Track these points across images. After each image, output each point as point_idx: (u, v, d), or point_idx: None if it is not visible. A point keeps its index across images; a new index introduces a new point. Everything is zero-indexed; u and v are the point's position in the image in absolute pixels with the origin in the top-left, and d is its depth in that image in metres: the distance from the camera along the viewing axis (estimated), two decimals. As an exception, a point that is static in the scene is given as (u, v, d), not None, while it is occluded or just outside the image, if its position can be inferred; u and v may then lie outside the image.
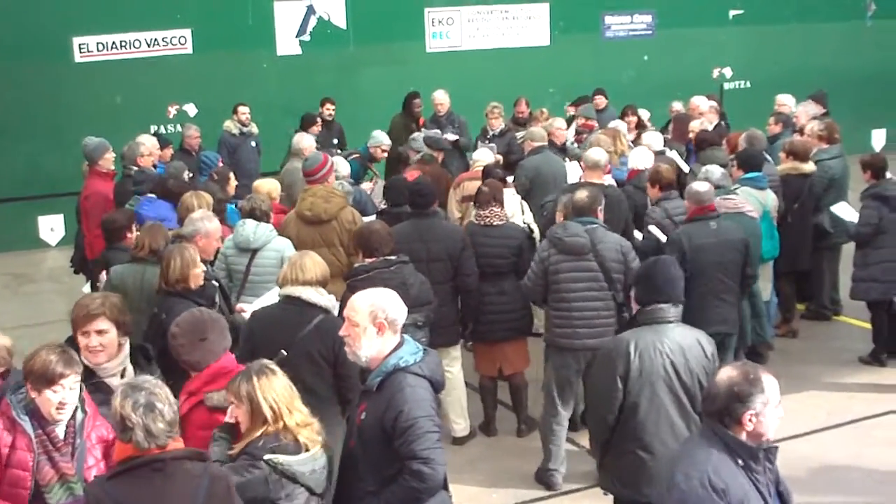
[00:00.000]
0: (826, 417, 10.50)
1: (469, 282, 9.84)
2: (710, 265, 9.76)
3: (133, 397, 4.96)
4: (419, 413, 5.70)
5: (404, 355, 5.90)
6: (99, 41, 19.32)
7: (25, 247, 18.55)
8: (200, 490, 4.97)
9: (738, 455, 4.94)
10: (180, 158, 14.92)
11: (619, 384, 6.70)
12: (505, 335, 10.06)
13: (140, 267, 8.96)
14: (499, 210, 10.17)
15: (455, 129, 16.40)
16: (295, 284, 7.57)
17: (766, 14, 24.16)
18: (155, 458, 4.93)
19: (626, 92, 19.48)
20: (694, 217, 10.04)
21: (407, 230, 9.86)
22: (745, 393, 4.94)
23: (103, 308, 6.22)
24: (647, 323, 6.84)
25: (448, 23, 22.14)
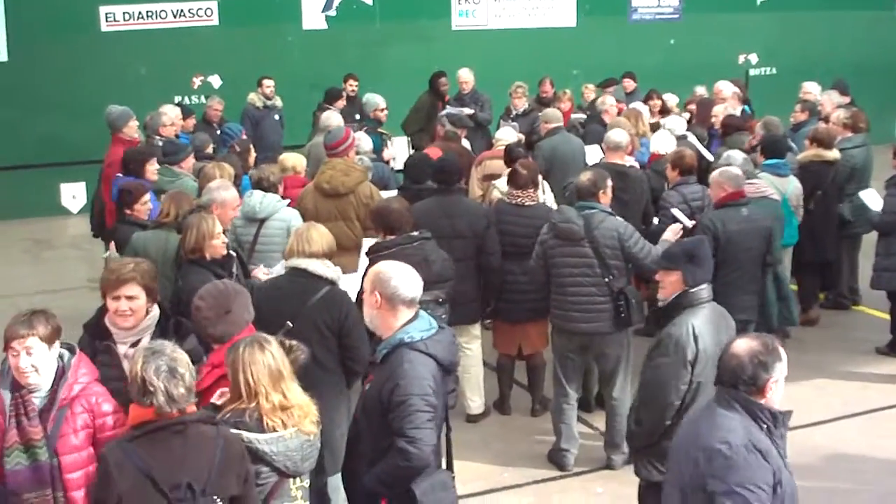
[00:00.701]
0: (841, 407, 10.46)
1: (492, 260, 9.81)
2: (741, 252, 9.59)
3: (154, 362, 5.03)
4: (413, 390, 5.70)
5: (412, 331, 5.89)
6: (125, 11, 19.39)
7: (47, 213, 18.66)
8: (217, 451, 5.07)
9: (763, 420, 5.03)
10: (202, 130, 14.96)
11: (689, 368, 6.77)
12: (526, 315, 10.00)
13: (164, 233, 9.06)
14: (532, 191, 10.10)
15: (478, 107, 16.39)
16: (301, 256, 7.59)
17: (794, 1, 24.06)
18: (177, 421, 5.01)
19: (651, 75, 19.42)
20: (726, 203, 9.80)
21: (431, 206, 9.86)
22: (769, 362, 5.06)
23: (134, 273, 6.25)
24: (695, 304, 6.94)
25: (474, 1, 22.12)
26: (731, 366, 5.08)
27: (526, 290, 9.90)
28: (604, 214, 9.03)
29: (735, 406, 5.05)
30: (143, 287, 6.28)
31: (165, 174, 11.16)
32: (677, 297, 7.03)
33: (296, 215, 9.71)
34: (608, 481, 9.06)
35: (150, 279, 6.36)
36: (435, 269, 8.39)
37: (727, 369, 5.11)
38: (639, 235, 9.13)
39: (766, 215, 9.98)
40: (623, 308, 8.85)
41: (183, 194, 9.58)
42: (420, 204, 9.80)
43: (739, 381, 5.05)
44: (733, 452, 4.92)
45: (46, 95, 18.65)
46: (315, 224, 8.06)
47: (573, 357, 9.21)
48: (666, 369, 6.86)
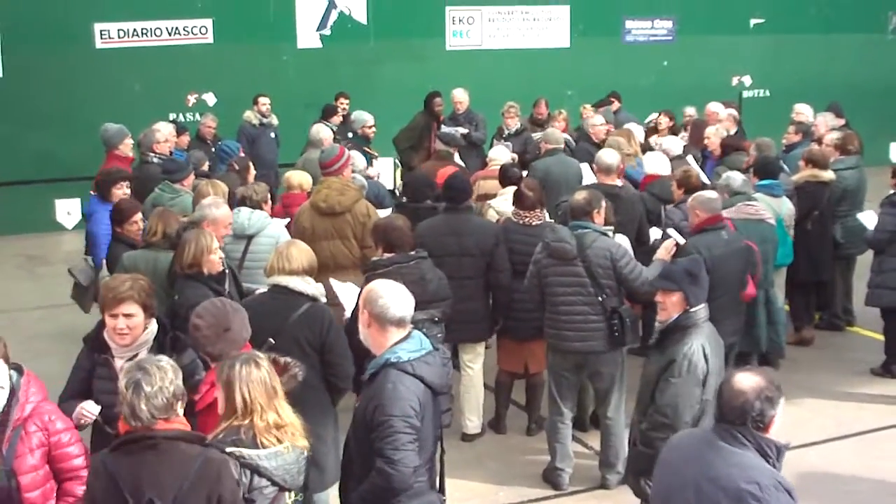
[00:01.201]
0: (836, 428, 10.45)
1: (501, 278, 9.80)
2: (727, 275, 9.58)
3: (130, 374, 5.08)
4: (394, 411, 5.67)
5: (399, 351, 5.87)
6: (120, 28, 19.44)
7: (42, 229, 18.68)
8: (191, 471, 5.04)
9: (769, 456, 5.00)
10: (196, 147, 14.98)
11: (702, 388, 6.89)
12: (533, 333, 9.96)
13: (153, 253, 9.09)
14: (540, 212, 10.12)
15: (472, 126, 16.43)
16: (282, 274, 7.60)
17: (787, 23, 24.22)
18: (147, 436, 5.02)
19: (644, 97, 19.51)
20: (706, 227, 9.78)
21: (439, 224, 9.88)
22: (775, 398, 5.03)
23: (132, 291, 6.28)
24: (698, 323, 7.05)
25: (469, 21, 22.21)
26: (738, 403, 5.00)
27: (533, 308, 9.89)
28: (596, 234, 9.04)
29: (746, 443, 4.99)
30: (140, 304, 6.31)
31: (166, 191, 11.18)
32: (679, 319, 7.06)
33: (284, 232, 9.75)
34: (603, 501, 9.05)
35: (146, 296, 6.38)
36: (431, 288, 8.39)
37: (733, 407, 5.02)
38: (631, 256, 9.13)
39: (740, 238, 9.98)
40: (617, 327, 8.86)
41: (170, 212, 9.59)
42: (427, 222, 9.84)
43: (748, 418, 4.99)
44: (764, 493, 4.88)
45: (41, 112, 18.68)
46: (295, 241, 8.09)
47: (568, 376, 9.20)
48: (682, 390, 6.93)
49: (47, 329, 6.68)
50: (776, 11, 24.25)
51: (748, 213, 10.43)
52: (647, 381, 7.39)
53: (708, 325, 7.17)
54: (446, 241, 9.60)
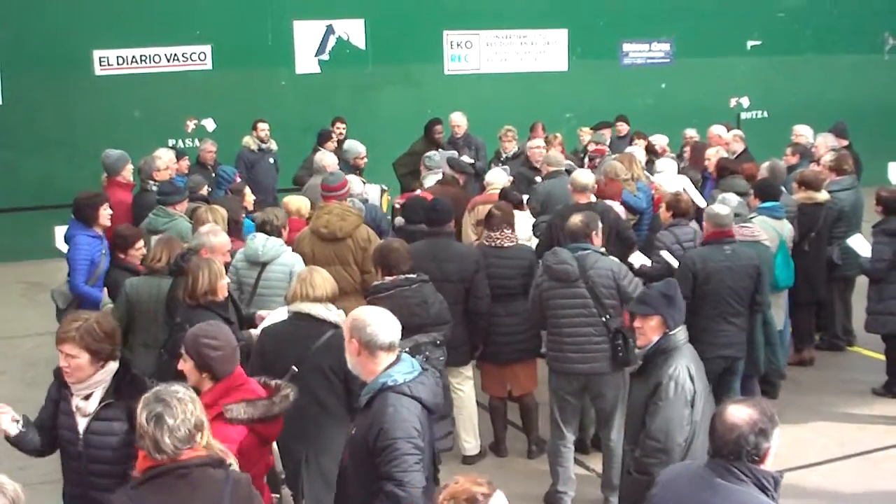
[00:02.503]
0: (837, 448, 10.45)
1: (480, 304, 9.80)
2: (722, 289, 9.70)
3: (149, 407, 5.03)
4: (398, 434, 5.69)
5: (394, 374, 5.90)
6: (119, 55, 19.51)
7: (41, 256, 18.58)
8: (225, 495, 5.02)
9: (767, 489, 4.95)
10: (196, 172, 15.00)
11: (691, 408, 6.89)
12: (514, 356, 10.04)
13: (156, 280, 9.16)
14: (510, 232, 10.15)
15: (472, 151, 16.45)
16: (305, 301, 7.60)
17: (784, 45, 24.30)
18: (179, 466, 4.98)
19: (643, 119, 19.50)
20: (710, 240, 9.95)
21: (421, 249, 9.84)
22: (769, 430, 4.98)
23: (74, 333, 6.02)
24: (678, 345, 7.07)
25: (466, 46, 22.27)
26: (732, 438, 4.95)
27: (512, 331, 9.95)
28: (597, 255, 9.10)
29: (743, 478, 4.93)
30: (84, 348, 6.04)
31: (161, 215, 11.20)
32: (659, 342, 7.08)
33: (298, 260, 9.71)
34: (605, 523, 9.04)
35: (92, 340, 6.06)
36: (433, 311, 8.40)
37: (727, 441, 4.97)
38: (633, 275, 9.19)
39: (751, 255, 10.04)
40: (621, 347, 8.87)
41: (174, 240, 9.63)
42: (410, 247, 9.84)
43: (743, 452, 4.94)
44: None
45: (41, 138, 18.74)
46: (317, 268, 8.06)
47: (570, 399, 9.21)
48: (671, 413, 6.92)
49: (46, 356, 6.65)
50: (773, 33, 24.33)
51: (744, 235, 10.44)
52: (634, 408, 7.38)
53: (688, 347, 7.18)
54: (427, 266, 9.48)
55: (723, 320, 9.72)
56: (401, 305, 8.13)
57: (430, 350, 8.04)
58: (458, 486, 4.52)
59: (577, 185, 11.42)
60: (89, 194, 11.32)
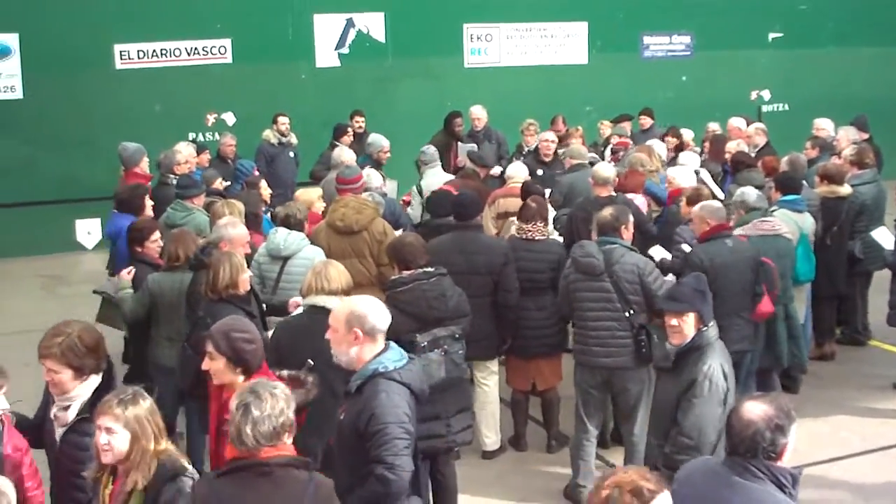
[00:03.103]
0: (859, 443, 10.40)
1: (510, 297, 9.79)
2: (731, 283, 9.66)
3: (241, 397, 5.11)
4: (390, 419, 5.88)
5: (385, 361, 6.12)
6: (140, 49, 19.52)
7: (62, 250, 18.72)
8: (307, 497, 5.04)
9: (785, 486, 4.94)
10: (216, 166, 15.02)
11: (724, 407, 6.86)
12: (541, 350, 10.04)
13: (178, 275, 9.25)
14: (542, 226, 10.13)
15: (493, 144, 16.44)
16: (320, 294, 7.64)
17: (805, 38, 24.18)
18: (261, 463, 5.02)
19: (663, 112, 19.44)
20: (711, 236, 9.86)
21: (448, 242, 9.88)
22: (786, 425, 4.98)
23: (56, 350, 5.94)
24: (711, 342, 7.09)
25: (486, 39, 22.23)
26: (749, 434, 4.94)
27: (540, 325, 9.91)
28: (624, 249, 9.09)
29: (760, 476, 4.92)
30: (65, 364, 5.96)
31: (179, 209, 11.22)
32: (694, 339, 7.06)
33: (320, 254, 9.68)
34: (625, 518, 9.00)
35: (74, 356, 5.97)
36: (451, 304, 8.38)
37: (743, 438, 4.96)
38: (658, 272, 9.15)
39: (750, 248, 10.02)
40: (644, 343, 8.86)
41: (188, 234, 9.67)
42: (437, 239, 9.85)
43: (759, 449, 4.93)
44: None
45: (61, 132, 18.77)
46: (332, 262, 8.10)
47: (594, 393, 9.21)
48: (706, 410, 6.94)
49: (69, 349, 6.80)
50: (794, 26, 24.23)
51: (764, 230, 10.41)
52: (663, 405, 7.36)
53: (720, 343, 7.19)
54: (454, 258, 9.55)
55: (735, 315, 9.66)
56: (419, 299, 8.14)
57: (448, 344, 8.05)
58: (625, 477, 4.43)
59: (599, 178, 11.43)
60: (132, 186, 11.51)
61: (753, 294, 9.89)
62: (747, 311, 9.87)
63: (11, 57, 18.81)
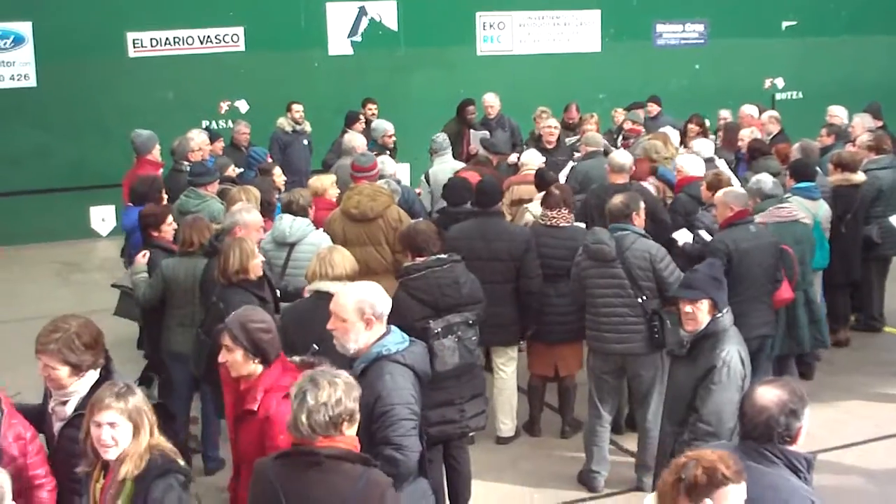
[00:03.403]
0: (873, 429, 10.38)
1: (532, 283, 9.78)
2: (754, 268, 9.70)
3: (301, 384, 5.12)
4: (396, 400, 5.96)
5: (388, 344, 6.24)
6: (153, 37, 19.55)
7: (77, 236, 18.79)
8: (354, 493, 5.01)
9: (799, 470, 4.94)
10: (230, 154, 15.05)
11: (741, 392, 6.74)
12: (563, 337, 10.00)
13: (192, 261, 9.30)
14: (566, 212, 10.12)
15: (507, 132, 16.43)
16: (324, 279, 7.65)
17: (819, 25, 24.13)
18: (311, 452, 5.02)
19: (676, 100, 19.43)
20: (734, 221, 9.87)
21: (469, 228, 9.91)
22: (799, 409, 4.97)
23: (53, 347, 5.86)
24: (727, 328, 7.07)
25: (499, 27, 22.21)
26: (763, 420, 4.94)
27: (562, 311, 9.89)
28: (636, 236, 9.08)
29: (775, 461, 4.92)
30: (63, 361, 5.88)
31: (192, 197, 11.24)
32: (709, 326, 7.04)
33: (326, 239, 9.71)
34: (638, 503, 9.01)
35: (70, 351, 5.88)
36: (465, 290, 8.37)
37: (758, 424, 4.96)
38: (670, 258, 9.14)
39: (770, 234, 10.03)
40: (657, 329, 8.85)
41: (201, 220, 9.69)
42: (458, 226, 9.88)
43: (774, 434, 4.93)
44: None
45: (75, 120, 18.84)
46: (337, 247, 8.13)
47: (608, 379, 9.21)
48: (724, 397, 6.91)
49: (82, 335, 6.82)
50: (808, 14, 24.16)
51: (781, 216, 10.41)
52: (678, 391, 7.34)
53: (735, 330, 7.16)
54: (475, 245, 9.61)
55: (757, 301, 9.69)
56: (432, 286, 8.13)
57: (462, 330, 8.04)
58: (709, 455, 4.47)
59: (615, 165, 11.43)
60: (148, 178, 11.52)
61: (773, 280, 9.89)
62: (768, 297, 9.88)
63: (25, 45, 18.86)
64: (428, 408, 7.71)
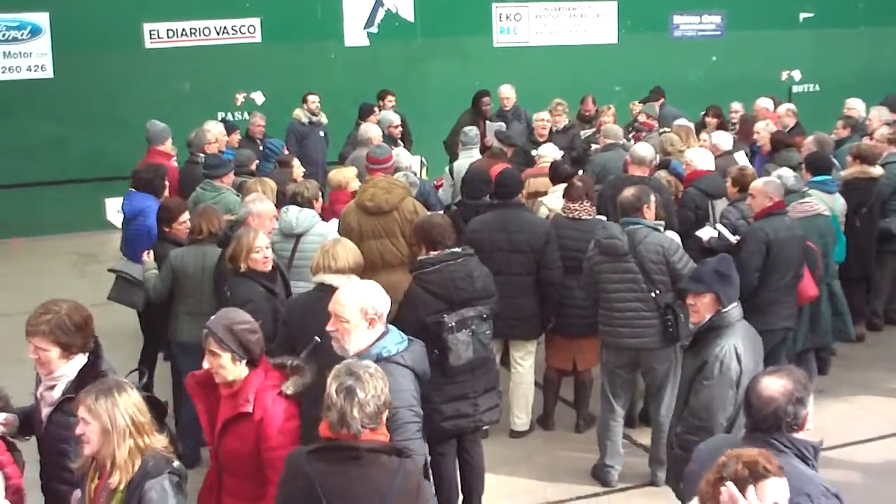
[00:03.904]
0: (887, 425, 10.34)
1: (552, 275, 9.77)
2: (788, 259, 9.73)
3: (340, 379, 5.07)
4: (399, 403, 5.76)
5: (387, 345, 6.13)
6: (169, 28, 19.56)
7: (92, 228, 18.80)
8: (393, 486, 5.02)
9: (808, 458, 4.97)
10: (245, 146, 15.05)
11: (735, 389, 6.79)
12: (583, 330, 9.98)
13: (200, 249, 9.39)
14: (588, 205, 10.08)
15: (522, 123, 16.42)
16: (328, 272, 7.60)
17: (836, 17, 24.00)
18: (351, 446, 5.02)
19: (693, 92, 19.42)
20: (773, 211, 9.88)
21: (489, 220, 9.90)
22: (804, 397, 5.02)
23: (45, 327, 5.88)
24: (731, 323, 6.99)
25: (515, 18, 22.17)
26: (771, 411, 4.99)
27: (583, 304, 9.84)
28: (648, 230, 9.03)
29: (784, 450, 4.94)
30: (55, 342, 5.89)
31: (208, 189, 11.27)
32: (712, 319, 7.02)
33: (332, 231, 9.72)
34: (652, 497, 9.01)
35: (62, 333, 5.90)
36: (478, 284, 8.36)
37: (766, 415, 5.00)
38: (683, 251, 9.11)
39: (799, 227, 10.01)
40: (671, 323, 8.83)
41: (211, 209, 9.79)
42: (479, 217, 9.89)
43: (783, 423, 4.97)
44: (815, 503, 4.83)
45: (91, 111, 18.86)
46: (342, 239, 8.07)
47: (621, 373, 9.20)
48: (715, 392, 6.89)
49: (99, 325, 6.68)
50: (825, 5, 24.04)
51: (804, 211, 10.38)
52: (682, 385, 7.36)
53: (742, 325, 7.10)
54: (496, 236, 9.62)
55: (785, 292, 9.74)
56: (446, 280, 8.12)
57: (476, 324, 8.03)
58: (749, 451, 4.48)
59: (636, 157, 11.45)
60: (153, 166, 11.52)
61: (798, 274, 9.87)
62: (794, 290, 9.87)
63: (42, 36, 18.89)
64: (441, 402, 7.75)
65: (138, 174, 11.46)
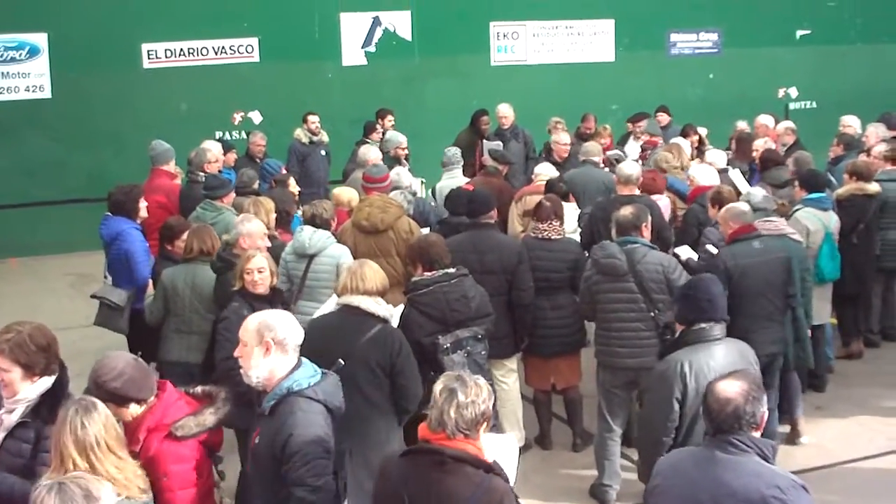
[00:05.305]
0: (885, 442, 10.30)
1: (524, 296, 9.73)
2: (758, 285, 9.45)
3: (446, 382, 5.16)
4: (308, 438, 5.63)
5: (299, 378, 5.85)
6: (167, 48, 19.63)
7: (91, 248, 18.62)
8: (471, 498, 5.02)
9: (768, 457, 5.08)
10: (244, 165, 15.06)
11: (676, 406, 6.70)
12: (558, 350, 10.00)
13: (191, 267, 9.43)
14: (557, 225, 10.10)
15: (519, 142, 16.45)
16: (355, 293, 7.57)
17: (833, 34, 24.07)
18: (437, 451, 5.06)
19: (691, 110, 19.42)
20: (737, 237, 9.68)
21: (462, 241, 9.82)
22: (760, 396, 5.14)
23: (4, 346, 5.73)
24: (692, 343, 6.86)
25: (513, 37, 22.22)
26: (730, 411, 5.06)
27: (556, 324, 9.90)
28: (646, 248, 9.03)
29: (746, 449, 5.04)
30: (15, 361, 5.72)
31: (209, 209, 11.28)
32: (681, 335, 7.01)
33: (345, 251, 9.72)
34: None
35: (24, 353, 5.74)
36: (473, 304, 8.38)
37: (726, 416, 5.07)
38: (682, 269, 9.11)
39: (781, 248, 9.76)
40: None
41: (206, 229, 9.80)
42: (452, 238, 9.82)
43: (743, 423, 5.06)
44: (787, 494, 4.93)
45: (89, 131, 18.92)
46: (368, 261, 8.02)
47: (618, 393, 9.19)
48: (653, 405, 6.92)
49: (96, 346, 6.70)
50: (822, 23, 24.11)
51: (767, 230, 10.08)
52: None
53: (724, 345, 6.91)
54: (468, 258, 9.46)
55: (764, 318, 9.45)
56: (440, 301, 8.14)
57: (471, 345, 8.05)
58: None
59: (622, 176, 11.39)
60: (127, 188, 11.32)
61: (786, 295, 9.67)
62: (778, 313, 9.64)
63: (40, 56, 18.95)
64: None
65: (112, 197, 11.25)
